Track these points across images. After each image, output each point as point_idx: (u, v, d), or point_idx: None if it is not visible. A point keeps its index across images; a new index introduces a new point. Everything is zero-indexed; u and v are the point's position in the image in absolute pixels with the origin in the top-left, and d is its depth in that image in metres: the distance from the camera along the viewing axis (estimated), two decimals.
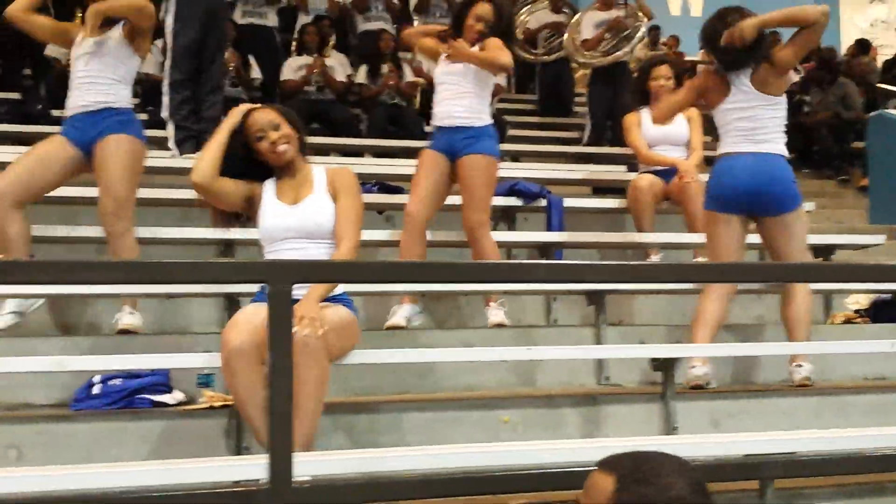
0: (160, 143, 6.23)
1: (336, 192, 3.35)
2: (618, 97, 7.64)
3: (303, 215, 3.31)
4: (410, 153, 7.22)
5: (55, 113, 6.79)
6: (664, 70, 5.56)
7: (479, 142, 4.45)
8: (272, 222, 3.33)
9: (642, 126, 5.52)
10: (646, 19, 7.91)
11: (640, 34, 7.83)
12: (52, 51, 7.32)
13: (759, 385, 4.40)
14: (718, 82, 4.19)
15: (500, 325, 4.44)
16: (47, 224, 4.41)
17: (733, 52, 4.06)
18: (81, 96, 4.12)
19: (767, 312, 4.99)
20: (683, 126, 5.51)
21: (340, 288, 3.32)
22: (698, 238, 5.11)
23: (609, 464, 1.59)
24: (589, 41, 7.78)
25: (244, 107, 3.46)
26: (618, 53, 7.72)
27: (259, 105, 3.51)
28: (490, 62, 4.44)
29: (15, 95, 7.39)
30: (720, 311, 4.13)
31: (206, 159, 3.35)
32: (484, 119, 4.52)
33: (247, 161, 3.37)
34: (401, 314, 4.37)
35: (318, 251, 3.30)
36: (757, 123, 4.09)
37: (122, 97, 4.17)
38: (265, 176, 3.43)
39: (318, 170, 3.42)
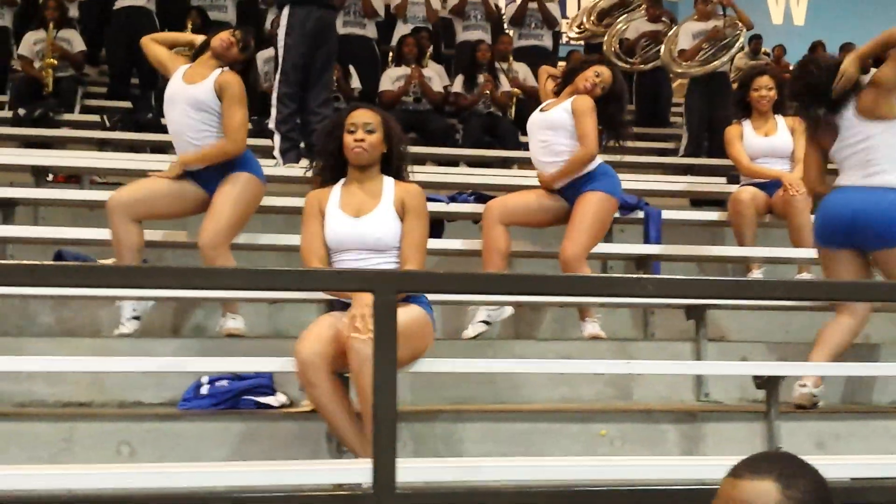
0: (264, 152, 6.41)
1: (404, 211, 3.37)
2: (716, 107, 7.51)
3: (364, 229, 3.34)
4: (506, 163, 7.25)
5: (164, 121, 7.05)
6: (765, 81, 5.42)
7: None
8: (334, 232, 3.37)
9: (744, 138, 5.40)
10: (745, 29, 7.74)
11: (738, 44, 7.67)
12: None
13: (867, 406, 4.25)
14: (825, 127, 4.06)
15: (596, 337, 4.41)
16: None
17: (828, 94, 3.94)
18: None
19: (875, 332, 4.81)
20: (787, 137, 5.37)
21: None
22: (803, 253, 4.99)
23: (753, 469, 1.52)
24: (686, 52, 7.67)
25: None
26: (715, 63, 7.59)
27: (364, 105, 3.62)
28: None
29: (126, 104, 7.69)
30: (843, 334, 3.99)
31: None
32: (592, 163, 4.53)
33: (336, 153, 3.45)
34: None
35: (380, 263, 3.32)
36: (870, 156, 3.94)
37: None
38: (339, 176, 3.49)
39: (388, 182, 3.44)
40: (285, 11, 5.84)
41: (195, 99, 4.11)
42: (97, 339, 4.10)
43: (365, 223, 3.35)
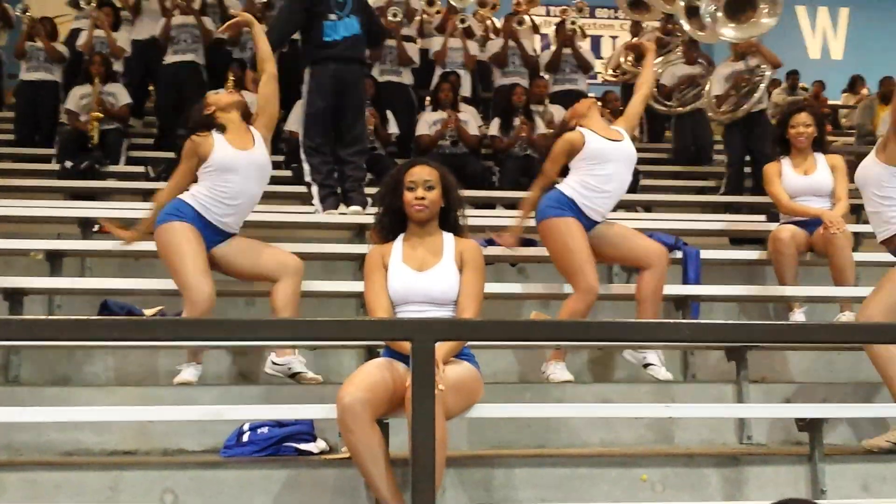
0: (305, 199, 6.52)
1: (462, 264, 3.48)
2: (755, 144, 7.49)
3: (429, 283, 3.43)
4: None
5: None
6: (803, 118, 5.41)
7: None
8: (400, 286, 3.45)
9: (783, 175, 5.38)
10: (769, 69, 7.65)
11: (763, 86, 7.66)
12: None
13: None
14: None
15: (649, 365, 4.40)
16: None
17: None
18: None
19: None
20: (827, 175, 5.33)
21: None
22: (845, 292, 4.93)
23: None
24: (719, 98, 7.69)
25: None
26: (745, 107, 7.59)
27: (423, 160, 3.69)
28: None
29: (170, 155, 7.86)
30: None
31: None
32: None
33: (398, 210, 3.52)
34: (562, 372, 4.39)
35: (441, 314, 3.41)
36: None
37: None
38: (399, 231, 3.57)
39: (448, 238, 3.54)
40: (307, 70, 5.96)
41: (259, 164, 4.25)
42: (142, 387, 4.17)
43: (428, 277, 3.45)
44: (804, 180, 5.32)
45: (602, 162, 4.50)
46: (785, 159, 5.42)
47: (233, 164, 4.14)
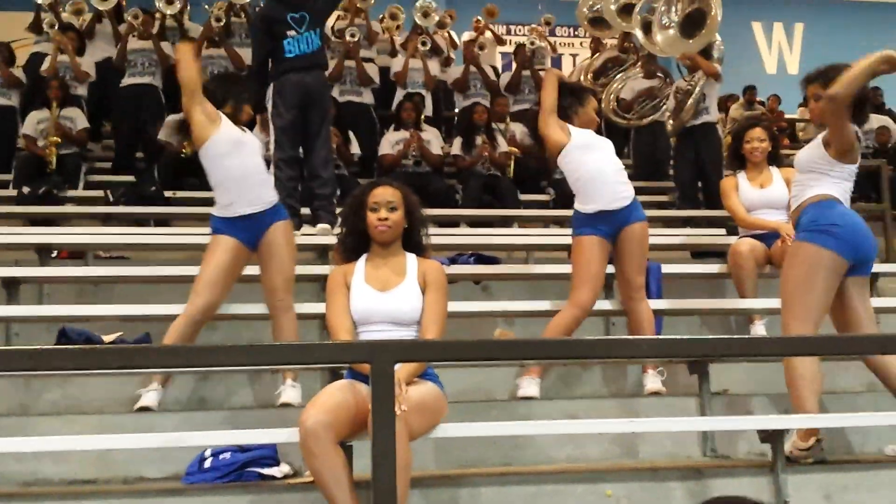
0: None
1: (426, 285, 3.49)
2: (704, 158, 7.54)
3: (392, 303, 3.44)
4: (506, 222, 7.31)
5: (167, 194, 7.15)
6: (758, 133, 5.50)
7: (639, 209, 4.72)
8: (362, 306, 3.45)
9: (740, 189, 5.45)
10: (703, 79, 7.62)
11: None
12: (164, 135, 7.72)
13: (874, 456, 4.21)
14: None
15: (656, 393, 4.48)
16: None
17: None
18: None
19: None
20: (783, 188, 5.41)
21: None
22: None
23: None
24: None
25: None
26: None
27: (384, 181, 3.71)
28: None
29: (130, 178, 7.79)
30: (819, 370, 3.95)
31: None
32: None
33: (361, 231, 3.52)
34: (530, 387, 4.42)
35: (405, 335, 3.42)
36: None
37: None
38: (361, 251, 3.57)
39: (412, 259, 3.55)
40: (272, 86, 6.00)
41: (257, 145, 4.50)
42: (101, 415, 4.10)
43: (391, 298, 3.45)
44: (760, 194, 5.40)
45: (587, 150, 4.69)
46: (741, 173, 5.50)
47: (238, 143, 4.35)
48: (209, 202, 6.91)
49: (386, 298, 3.44)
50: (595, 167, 4.61)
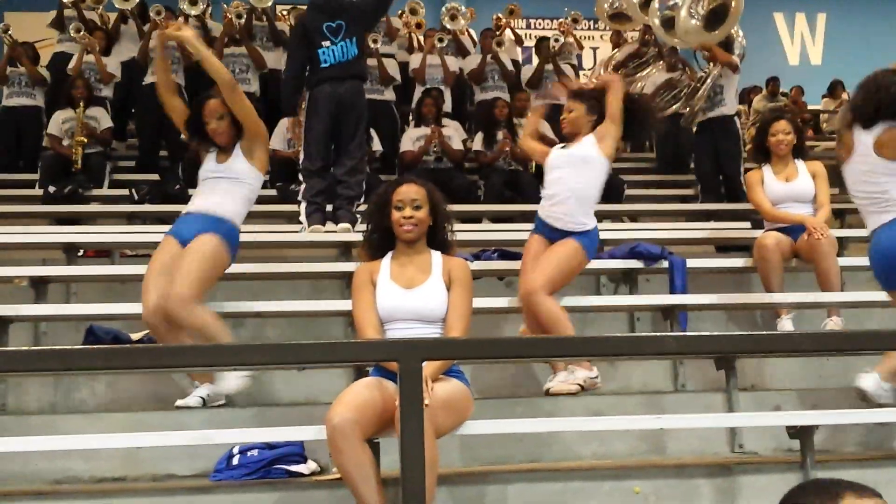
0: (290, 218, 6.50)
1: (451, 282, 3.49)
2: (723, 151, 7.49)
3: (417, 301, 3.44)
4: (528, 217, 7.28)
5: (191, 192, 7.18)
6: (783, 125, 5.44)
7: None
8: (388, 304, 3.46)
9: (765, 183, 5.41)
10: (719, 68, 7.57)
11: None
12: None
13: None
14: None
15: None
16: None
17: None
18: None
19: None
20: (808, 181, 5.37)
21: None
22: (831, 297, 4.95)
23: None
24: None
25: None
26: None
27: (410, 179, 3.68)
28: None
29: (154, 177, 7.84)
30: None
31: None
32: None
33: (385, 228, 3.51)
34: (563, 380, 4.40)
35: (428, 333, 3.42)
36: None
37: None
38: (387, 248, 3.57)
39: (437, 256, 3.54)
40: (308, 96, 6.03)
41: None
42: (130, 412, 4.13)
43: (417, 295, 3.45)
44: (786, 187, 5.35)
45: (548, 170, 4.68)
46: (766, 166, 5.45)
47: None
48: None
49: (411, 296, 3.44)
50: None
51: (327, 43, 6.00)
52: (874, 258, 3.99)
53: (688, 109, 7.64)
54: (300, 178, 6.16)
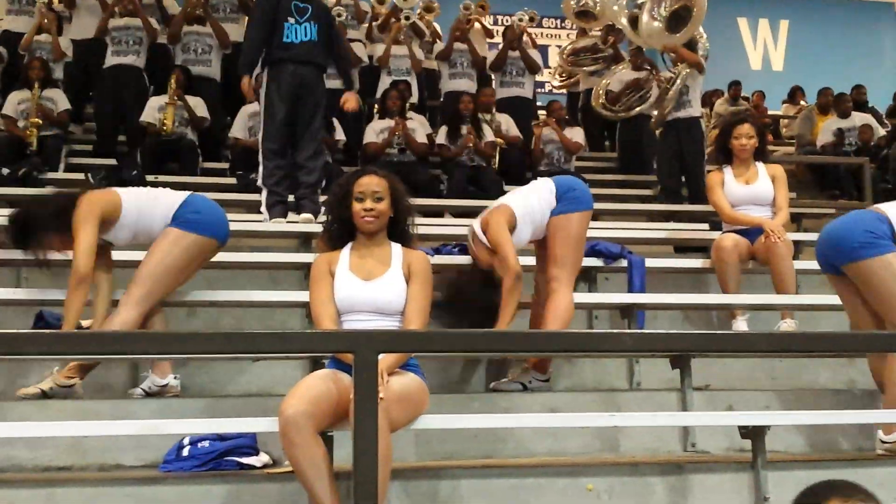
0: (250, 207, 6.43)
1: (410, 275, 3.46)
2: (687, 152, 7.55)
3: (376, 292, 3.40)
4: None
5: (149, 178, 7.07)
6: (746, 129, 5.49)
7: None
8: (346, 295, 3.42)
9: (725, 184, 5.45)
10: (685, 69, 7.63)
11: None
12: (146, 117, 7.64)
13: (853, 453, 4.23)
14: None
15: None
16: None
17: None
18: None
19: (863, 378, 4.81)
20: (768, 185, 5.42)
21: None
22: (786, 300, 5.01)
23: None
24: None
25: None
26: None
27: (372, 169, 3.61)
28: None
29: (111, 161, 7.71)
30: None
31: None
32: None
33: (345, 218, 3.47)
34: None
35: (388, 325, 3.39)
36: None
37: None
38: (346, 240, 3.53)
39: (396, 248, 3.51)
40: (265, 71, 5.95)
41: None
42: (77, 400, 4.05)
43: (375, 287, 3.41)
44: (746, 189, 5.40)
45: None
46: (727, 168, 5.50)
47: None
48: (190, 187, 6.85)
49: (370, 288, 3.41)
50: None
51: (292, 20, 5.97)
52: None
53: (657, 112, 7.67)
54: (259, 158, 6.07)
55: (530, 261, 4.67)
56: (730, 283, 5.19)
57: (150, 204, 4.11)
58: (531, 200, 4.48)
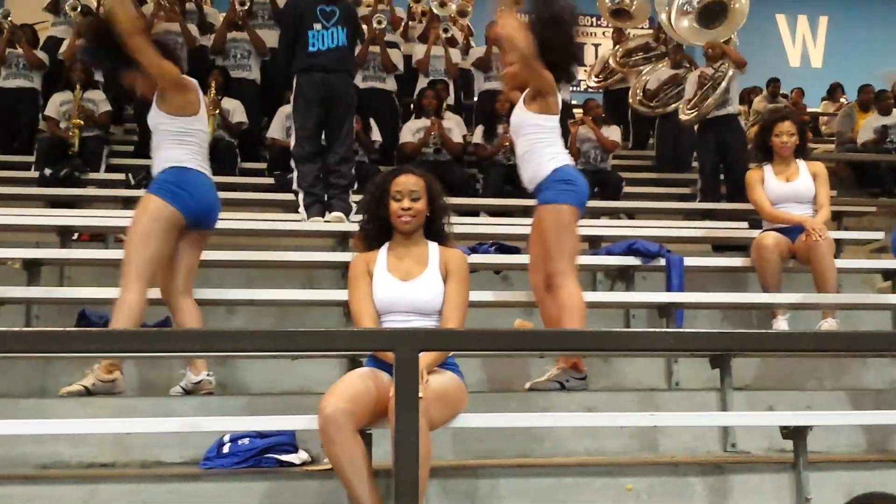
0: (287, 207, 6.48)
1: (447, 274, 3.45)
2: (728, 150, 7.49)
3: (414, 292, 3.41)
4: (526, 212, 7.26)
5: None
6: (787, 126, 5.40)
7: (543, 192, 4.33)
8: (385, 295, 3.42)
9: (766, 182, 5.38)
10: (733, 67, 7.63)
11: (723, 84, 7.69)
12: None
13: None
14: None
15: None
16: None
17: None
18: None
19: None
20: (809, 182, 5.35)
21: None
22: (827, 298, 4.95)
23: None
24: (690, 100, 7.72)
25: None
26: (709, 102, 7.65)
27: (409, 168, 3.59)
28: None
29: (151, 162, 7.77)
30: None
31: None
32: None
33: (382, 218, 3.49)
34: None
35: (426, 325, 3.39)
36: None
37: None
38: (384, 239, 3.54)
39: (433, 248, 3.51)
40: (295, 80, 5.99)
41: None
42: (120, 398, 4.10)
43: (413, 287, 3.42)
44: (786, 187, 5.33)
45: None
46: (767, 166, 5.43)
47: None
48: (232, 187, 6.94)
49: (408, 288, 3.42)
50: None
51: (318, 26, 5.96)
52: None
53: (697, 110, 7.59)
54: (292, 164, 6.13)
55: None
56: (770, 282, 5.13)
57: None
58: None
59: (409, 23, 9.68)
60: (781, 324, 5.09)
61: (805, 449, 3.63)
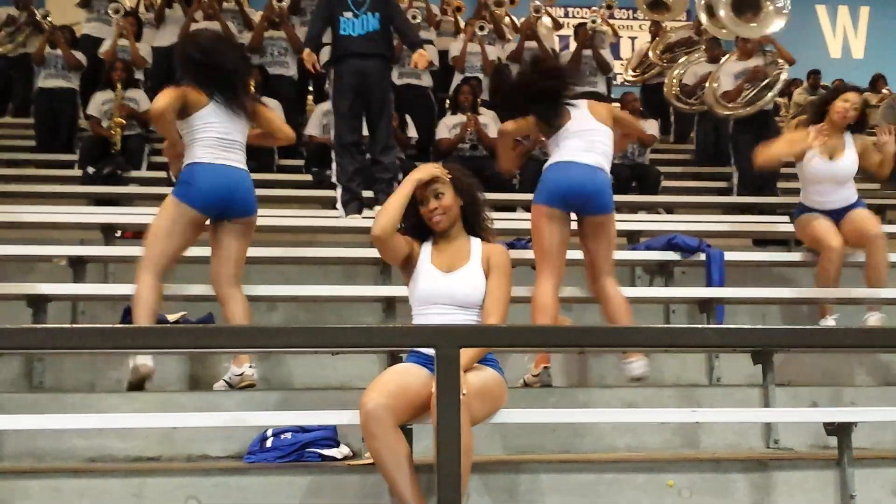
0: (325, 203, 6.52)
1: (489, 269, 3.45)
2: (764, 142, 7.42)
3: (455, 285, 3.41)
4: None
5: None
6: (854, 97, 5.22)
7: None
8: (425, 286, 3.43)
9: (807, 158, 5.16)
10: (786, 65, 7.62)
11: (780, 82, 7.58)
12: None
13: None
14: None
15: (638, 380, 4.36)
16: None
17: None
18: None
19: None
20: (851, 161, 5.20)
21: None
22: (871, 293, 4.89)
23: None
24: (729, 93, 7.60)
25: (430, 168, 3.52)
26: (760, 103, 7.53)
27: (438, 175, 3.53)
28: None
29: None
30: None
31: (387, 214, 3.43)
32: None
33: (419, 217, 3.50)
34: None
35: (464, 318, 3.39)
36: None
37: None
38: (426, 234, 3.55)
39: (475, 242, 3.52)
40: (331, 68, 6.00)
41: None
42: (165, 393, 4.17)
43: (455, 279, 3.43)
44: (827, 166, 5.17)
45: None
46: (811, 128, 5.23)
47: None
48: (270, 184, 6.99)
49: (450, 280, 3.43)
50: None
51: (349, 14, 5.94)
52: None
53: (752, 105, 7.52)
54: (332, 156, 6.13)
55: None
56: (829, 283, 5.06)
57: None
58: None
59: (443, 18, 9.69)
60: (829, 323, 5.02)
61: (849, 445, 3.59)
